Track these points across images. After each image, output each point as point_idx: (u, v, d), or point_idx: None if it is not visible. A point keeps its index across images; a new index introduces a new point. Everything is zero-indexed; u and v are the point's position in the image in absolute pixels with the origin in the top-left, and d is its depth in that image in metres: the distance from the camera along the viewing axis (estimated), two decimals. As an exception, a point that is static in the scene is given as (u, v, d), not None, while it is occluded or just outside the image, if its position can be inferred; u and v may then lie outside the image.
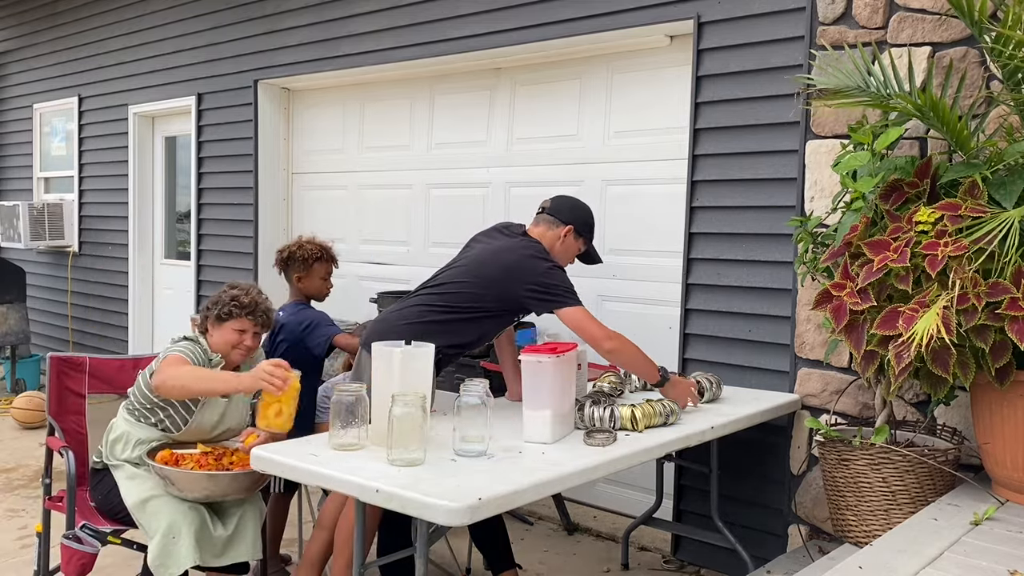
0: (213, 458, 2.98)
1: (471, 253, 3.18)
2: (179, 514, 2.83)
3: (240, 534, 2.95)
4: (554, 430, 2.65)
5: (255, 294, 3.13)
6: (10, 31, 8.28)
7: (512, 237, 3.15)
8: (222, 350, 3.09)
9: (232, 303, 3.07)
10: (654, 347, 4.20)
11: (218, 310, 3.08)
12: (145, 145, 7.00)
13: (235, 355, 3.12)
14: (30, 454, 5.45)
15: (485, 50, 4.60)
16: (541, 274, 2.97)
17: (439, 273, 3.18)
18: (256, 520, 3.00)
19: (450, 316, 3.01)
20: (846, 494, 2.87)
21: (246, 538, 2.95)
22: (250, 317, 3.08)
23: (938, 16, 3.17)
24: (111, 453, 3.04)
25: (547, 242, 3.14)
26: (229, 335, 3.08)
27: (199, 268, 6.37)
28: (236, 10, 5.94)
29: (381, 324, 3.11)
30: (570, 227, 3.17)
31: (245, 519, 2.97)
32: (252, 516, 2.99)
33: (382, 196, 5.46)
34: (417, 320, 3.02)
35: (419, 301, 3.09)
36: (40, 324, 7.93)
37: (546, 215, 3.20)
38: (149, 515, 2.87)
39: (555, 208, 3.21)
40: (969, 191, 2.63)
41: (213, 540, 2.88)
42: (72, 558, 2.95)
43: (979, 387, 2.65)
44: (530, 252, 3.03)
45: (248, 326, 3.09)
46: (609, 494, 4.45)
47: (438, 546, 3.83)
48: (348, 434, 2.55)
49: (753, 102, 3.67)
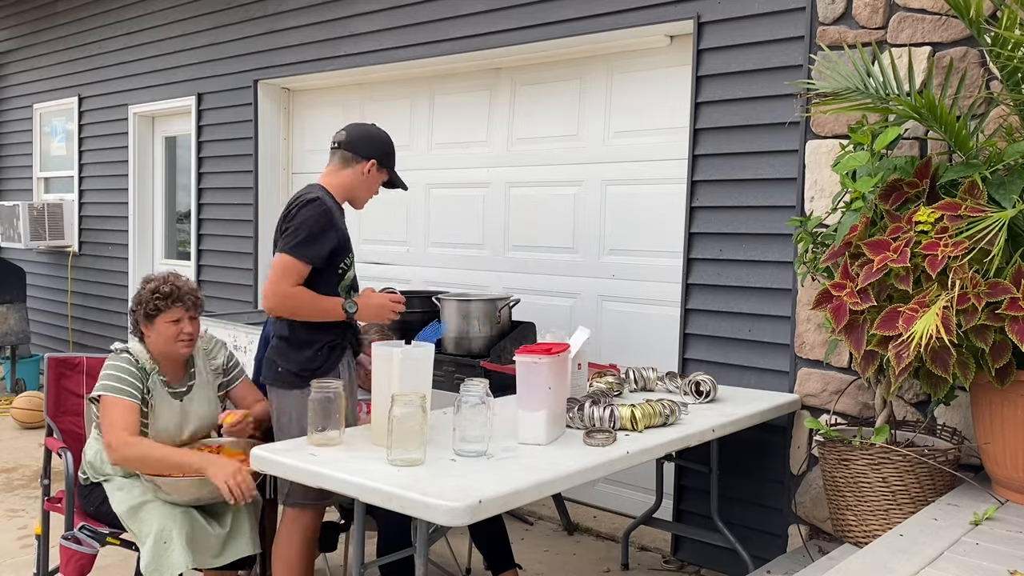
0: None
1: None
2: (169, 519, 2.80)
3: (237, 530, 2.94)
4: (549, 431, 2.65)
5: (174, 280, 3.04)
6: (10, 31, 8.28)
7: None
8: (164, 348, 3.01)
9: (155, 297, 2.99)
10: (654, 347, 4.22)
11: (144, 309, 2.99)
12: (145, 145, 7.01)
13: (180, 348, 3.02)
14: (30, 454, 5.44)
15: (485, 50, 4.61)
16: (288, 217, 2.96)
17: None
18: (252, 514, 2.99)
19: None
20: (846, 494, 2.87)
21: (243, 533, 2.94)
22: (178, 304, 2.99)
23: (938, 16, 3.17)
24: (96, 472, 3.01)
25: (345, 179, 3.08)
26: (165, 329, 2.99)
27: (199, 268, 6.37)
28: (236, 10, 5.94)
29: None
30: (372, 161, 3.09)
31: (240, 515, 2.95)
32: (247, 511, 2.97)
33: (382, 196, 5.41)
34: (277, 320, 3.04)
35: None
36: (40, 324, 7.93)
37: (342, 151, 3.09)
38: (140, 522, 2.84)
39: (350, 142, 3.08)
40: (969, 191, 2.63)
41: (210, 540, 2.87)
42: (71, 559, 2.94)
43: (979, 387, 2.65)
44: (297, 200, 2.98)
45: (180, 314, 3.00)
46: (609, 494, 4.45)
47: (438, 546, 3.83)
48: (328, 431, 2.59)
49: (753, 102, 3.67)
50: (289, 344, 2.99)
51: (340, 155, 3.10)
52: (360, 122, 3.22)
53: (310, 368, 2.96)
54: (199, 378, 3.13)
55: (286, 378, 2.97)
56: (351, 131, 3.13)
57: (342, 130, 3.14)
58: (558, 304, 4.63)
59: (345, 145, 3.09)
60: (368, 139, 3.12)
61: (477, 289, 4.85)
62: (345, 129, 3.14)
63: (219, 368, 3.20)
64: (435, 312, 4.39)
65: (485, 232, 4.95)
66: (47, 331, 7.93)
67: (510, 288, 4.77)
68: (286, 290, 2.90)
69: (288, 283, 2.90)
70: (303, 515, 2.99)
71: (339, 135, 3.13)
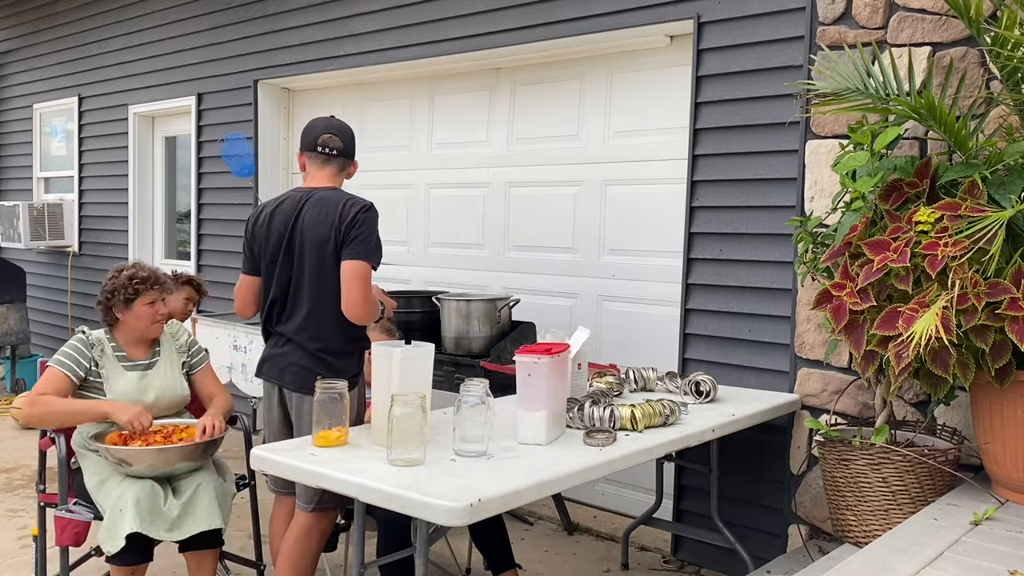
0: (162, 436, 3.05)
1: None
2: (128, 489, 2.89)
3: (193, 506, 2.97)
4: (549, 431, 2.65)
5: (144, 265, 3.27)
6: (10, 31, 8.28)
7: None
8: (142, 329, 3.18)
9: (133, 282, 3.16)
10: (654, 347, 4.22)
11: (123, 295, 3.15)
12: (145, 145, 7.01)
13: (155, 330, 3.22)
14: (30, 454, 5.44)
15: (485, 50, 4.61)
16: (355, 224, 2.99)
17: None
18: (211, 491, 3.01)
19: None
20: (846, 494, 2.87)
21: (199, 509, 2.97)
22: (156, 287, 3.20)
23: (938, 16, 3.17)
24: (81, 445, 3.14)
25: (343, 181, 3.15)
26: (144, 311, 3.17)
27: (199, 268, 6.37)
28: (236, 10, 5.94)
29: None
30: (356, 160, 3.19)
31: (199, 492, 2.99)
32: (207, 488, 3.01)
33: (382, 196, 5.44)
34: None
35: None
36: (40, 324, 7.93)
37: (340, 158, 3.10)
38: (103, 495, 2.95)
39: (346, 148, 3.11)
40: (969, 191, 2.63)
41: (163, 514, 2.91)
42: (66, 528, 3.01)
43: (979, 387, 2.65)
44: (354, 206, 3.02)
45: (156, 295, 3.20)
46: (609, 494, 4.45)
47: (438, 546, 3.83)
48: (332, 430, 2.59)
49: (753, 102, 3.67)
50: (334, 353, 2.99)
51: (339, 162, 3.11)
52: (334, 120, 3.16)
53: (353, 373, 3.00)
54: (164, 354, 3.28)
55: None
56: (343, 137, 3.11)
57: (334, 136, 3.08)
58: (558, 304, 4.64)
59: (343, 152, 3.11)
60: (352, 140, 3.16)
61: (477, 289, 4.85)
62: (335, 135, 3.09)
63: (183, 347, 3.34)
64: (435, 312, 4.39)
65: (485, 232, 4.95)
66: (47, 331, 7.93)
67: (510, 288, 4.77)
68: (372, 297, 2.96)
69: (371, 290, 2.97)
70: (323, 519, 2.99)
71: (333, 142, 3.07)
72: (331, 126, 3.11)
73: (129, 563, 2.90)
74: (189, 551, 3.05)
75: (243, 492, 3.42)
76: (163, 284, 3.24)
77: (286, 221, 3.03)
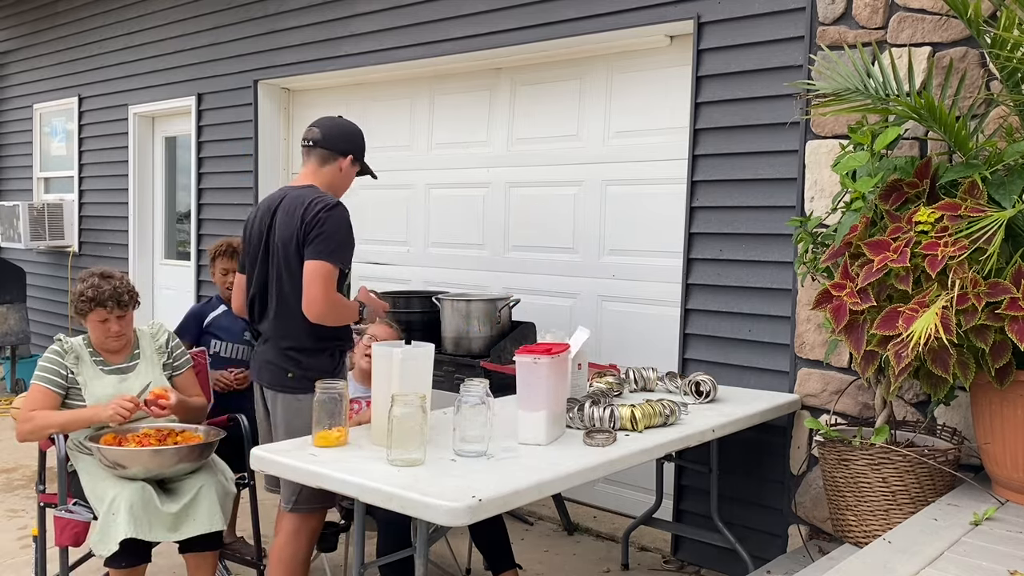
0: (156, 439, 3.04)
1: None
2: (121, 492, 2.88)
3: (193, 508, 2.97)
4: (549, 431, 2.65)
5: (97, 282, 3.12)
6: (10, 31, 8.28)
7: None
8: (98, 342, 3.17)
9: (80, 300, 3.12)
10: (654, 347, 4.22)
11: (76, 308, 3.15)
12: (145, 145, 7.01)
13: (110, 344, 3.18)
14: (30, 454, 5.44)
15: (485, 50, 4.61)
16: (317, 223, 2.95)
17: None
18: (213, 494, 3.01)
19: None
20: (846, 494, 2.87)
21: (199, 511, 2.97)
22: (101, 307, 3.10)
23: (938, 16, 3.17)
24: (74, 450, 3.15)
25: (325, 177, 3.07)
26: (95, 328, 3.15)
27: (199, 268, 6.37)
28: (236, 10, 5.94)
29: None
30: (349, 157, 3.10)
31: (200, 494, 2.99)
32: (207, 491, 3.00)
33: (382, 196, 5.45)
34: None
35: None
36: (40, 324, 7.92)
37: (319, 149, 3.06)
38: (97, 498, 2.95)
39: (326, 139, 3.06)
40: (969, 191, 2.63)
41: (160, 514, 2.90)
42: (66, 528, 3.01)
43: (979, 387, 2.65)
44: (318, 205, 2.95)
45: (104, 315, 3.12)
46: (609, 494, 4.45)
47: (438, 546, 3.83)
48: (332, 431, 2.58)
49: (753, 102, 3.67)
50: (302, 351, 2.99)
51: (318, 154, 3.08)
52: (326, 116, 3.17)
53: (328, 371, 2.98)
54: (143, 356, 3.27)
55: (302, 384, 2.95)
56: (324, 128, 3.09)
57: (313, 127, 3.09)
58: (558, 304, 4.64)
59: (321, 143, 3.07)
60: (342, 135, 3.11)
61: (477, 289, 4.85)
62: (317, 126, 3.09)
63: (162, 347, 3.31)
64: (435, 312, 4.39)
65: (485, 232, 4.95)
66: (47, 331, 7.92)
67: (510, 288, 4.77)
68: (333, 297, 2.92)
69: (333, 290, 2.92)
70: (310, 519, 2.99)
71: (312, 132, 3.07)
72: (318, 120, 3.13)
73: (125, 566, 2.90)
74: (189, 552, 3.05)
75: (242, 492, 3.42)
76: (109, 304, 3.09)
77: (263, 220, 3.06)
